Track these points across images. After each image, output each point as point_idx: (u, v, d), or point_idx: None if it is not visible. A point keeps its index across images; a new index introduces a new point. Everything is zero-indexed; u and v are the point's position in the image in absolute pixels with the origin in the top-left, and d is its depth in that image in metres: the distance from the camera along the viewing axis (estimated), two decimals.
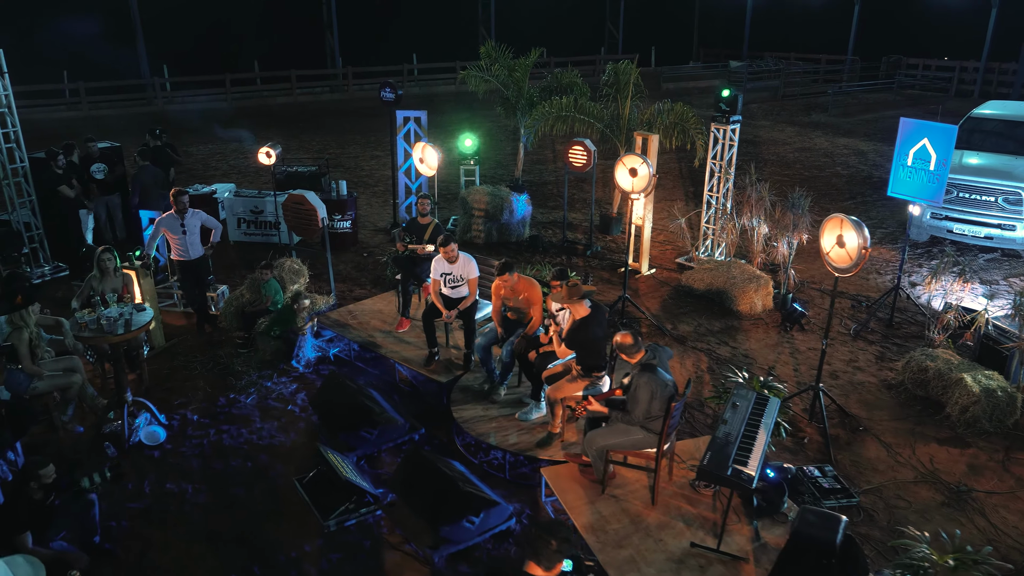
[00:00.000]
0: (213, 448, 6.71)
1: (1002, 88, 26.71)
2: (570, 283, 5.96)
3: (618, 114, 11.82)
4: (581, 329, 6.02)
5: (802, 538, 4.46)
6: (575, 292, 5.91)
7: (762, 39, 35.26)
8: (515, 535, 5.66)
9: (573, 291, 5.91)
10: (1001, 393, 6.99)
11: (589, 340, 6.07)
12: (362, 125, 22.42)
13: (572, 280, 6.01)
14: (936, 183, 8.40)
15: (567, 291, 5.94)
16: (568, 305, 6.00)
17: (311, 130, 21.60)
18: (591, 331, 6.05)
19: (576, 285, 5.94)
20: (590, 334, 6.04)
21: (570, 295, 5.91)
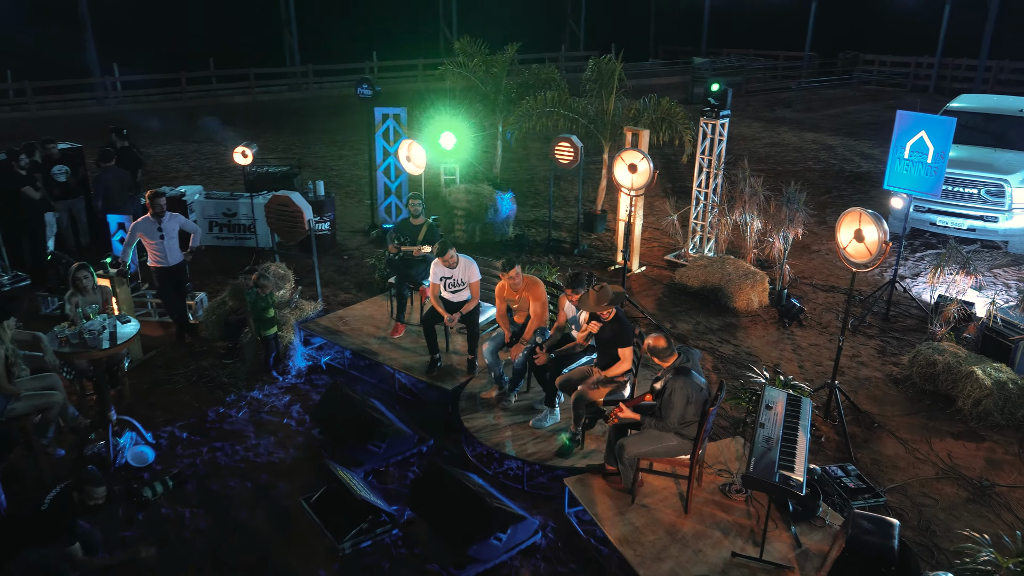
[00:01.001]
0: (207, 467, 6.28)
1: (956, 83, 27.33)
2: (597, 287, 5.69)
3: (603, 110, 11.60)
4: (624, 324, 5.78)
5: (859, 546, 4.27)
6: (604, 297, 5.64)
7: (719, 36, 35.57)
8: (541, 550, 5.38)
9: (602, 296, 5.64)
10: (1012, 385, 6.95)
11: (631, 331, 5.83)
12: (326, 123, 21.88)
13: (599, 284, 5.72)
14: (934, 176, 8.37)
15: (595, 297, 5.66)
16: (597, 312, 5.73)
17: (273, 129, 20.97)
18: (627, 323, 5.82)
19: (603, 288, 5.67)
20: (629, 326, 5.82)
21: (599, 301, 5.64)
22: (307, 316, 8.38)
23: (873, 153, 18.41)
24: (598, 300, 5.64)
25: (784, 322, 9.01)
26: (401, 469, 6.25)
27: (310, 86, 25.86)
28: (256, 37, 26.37)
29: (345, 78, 27.20)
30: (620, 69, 11.56)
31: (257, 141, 19.09)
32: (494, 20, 31.60)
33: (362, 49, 27.34)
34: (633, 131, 10.17)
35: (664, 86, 28.87)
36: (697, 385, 5.10)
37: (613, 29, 34.76)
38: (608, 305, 5.64)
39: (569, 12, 34.01)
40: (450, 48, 31.20)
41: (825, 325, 9.03)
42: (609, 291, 5.66)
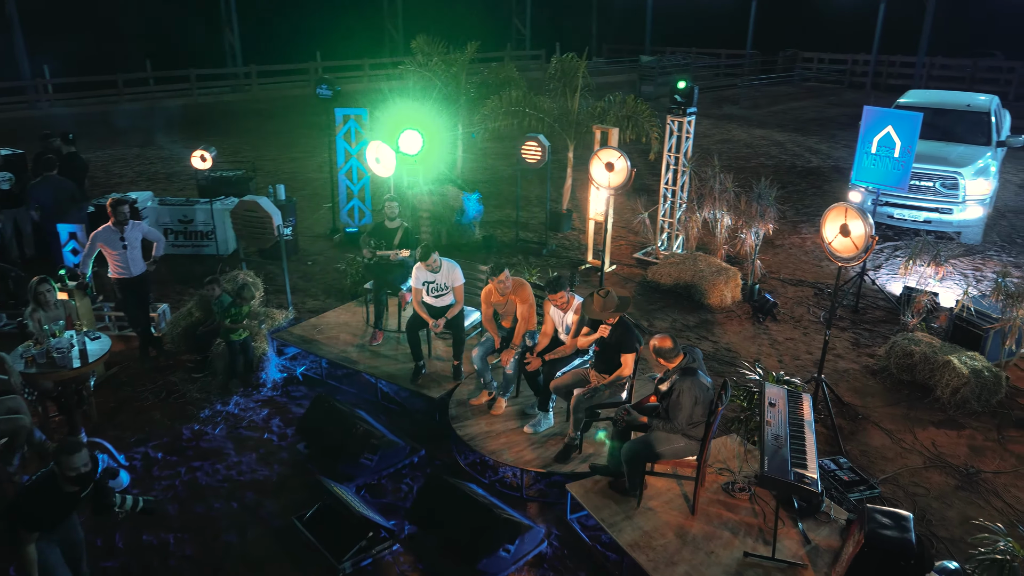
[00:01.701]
0: (188, 489, 5.96)
1: (891, 79, 28.25)
2: (602, 293, 5.57)
3: (567, 108, 11.54)
4: (628, 329, 5.69)
5: (879, 540, 4.27)
6: (610, 304, 5.53)
7: (661, 34, 36.02)
8: (548, 559, 5.26)
9: (608, 303, 5.53)
10: (988, 373, 7.12)
11: (636, 336, 5.75)
12: (273, 126, 21.32)
13: (604, 290, 5.61)
14: (901, 169, 8.54)
15: (601, 303, 5.55)
16: (602, 319, 5.62)
17: (218, 132, 20.31)
18: (631, 327, 5.74)
19: (609, 294, 5.56)
20: (633, 329, 5.73)
21: (605, 308, 5.53)
22: (279, 325, 8.09)
23: (821, 148, 18.86)
24: (604, 307, 5.53)
25: (758, 317, 9.08)
26: (394, 482, 6.04)
27: (253, 87, 25.16)
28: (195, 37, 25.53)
29: (289, 79, 26.60)
30: (584, 68, 11.51)
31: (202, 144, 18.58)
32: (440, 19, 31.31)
33: (305, 49, 26.76)
34: (602, 129, 10.14)
35: (612, 84, 29.04)
36: (704, 385, 5.05)
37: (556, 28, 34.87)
38: (614, 312, 5.54)
39: (514, 11, 33.93)
40: (396, 47, 30.94)
41: (798, 319, 9.14)
42: (615, 297, 5.56)
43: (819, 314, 9.20)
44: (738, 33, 32.63)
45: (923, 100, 12.99)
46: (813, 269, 10.75)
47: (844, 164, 17.13)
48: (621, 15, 39.05)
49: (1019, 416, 7.05)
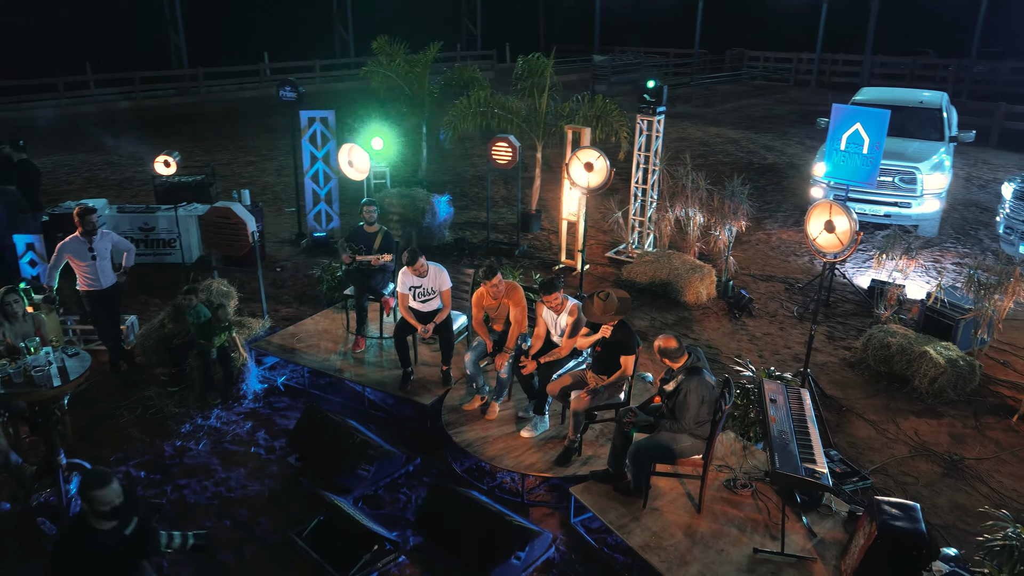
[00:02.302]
0: (177, 509, 5.73)
1: (835, 77, 29.03)
2: (602, 296, 5.54)
3: (535, 108, 11.51)
4: (628, 331, 5.67)
5: (892, 531, 4.34)
6: (611, 307, 5.50)
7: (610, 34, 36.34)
8: (556, 564, 5.21)
9: (608, 306, 5.50)
10: (962, 362, 7.33)
11: (635, 338, 5.74)
12: (224, 129, 20.79)
13: (603, 292, 5.58)
14: (870, 165, 8.74)
15: (602, 306, 5.52)
16: (602, 322, 5.59)
17: (167, 136, 19.68)
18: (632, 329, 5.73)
19: (610, 297, 5.53)
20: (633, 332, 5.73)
21: (606, 311, 5.50)
22: (256, 335, 7.86)
23: (775, 145, 19.24)
24: (605, 310, 5.50)
25: (735, 313, 9.19)
26: (392, 492, 5.92)
27: (201, 90, 24.49)
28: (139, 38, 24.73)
29: (238, 81, 25.98)
30: (551, 67, 11.50)
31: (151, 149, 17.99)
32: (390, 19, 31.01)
33: (253, 50, 26.18)
34: (574, 129, 10.14)
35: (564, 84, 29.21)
36: (709, 384, 5.07)
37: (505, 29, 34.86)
38: (616, 315, 5.52)
39: (464, 11, 33.79)
40: (347, 48, 30.50)
41: (773, 314, 9.28)
42: (616, 300, 5.54)
43: (792, 308, 9.36)
44: (685, 33, 33.14)
45: (877, 97, 13.33)
46: (781, 264, 10.94)
47: (799, 160, 17.53)
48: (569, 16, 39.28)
49: (993, 403, 7.28)
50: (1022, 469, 6.32)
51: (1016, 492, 6.03)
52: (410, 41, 13.36)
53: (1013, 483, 6.15)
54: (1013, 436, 6.78)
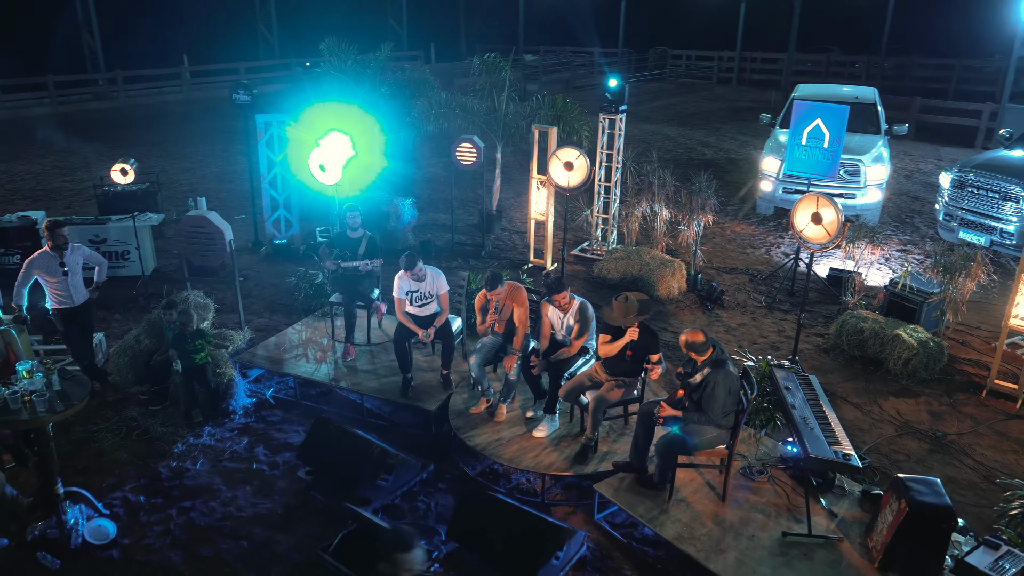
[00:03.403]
0: (186, 532, 5.48)
1: (755, 75, 30.08)
2: (621, 299, 5.58)
3: (494, 109, 11.51)
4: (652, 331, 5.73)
5: (921, 506, 4.54)
6: (631, 309, 5.55)
7: (535, 34, 36.57)
8: (589, 561, 5.24)
9: (629, 308, 5.55)
10: (932, 343, 7.74)
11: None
12: (151, 135, 19.89)
13: (622, 295, 5.61)
14: (831, 159, 9.12)
15: (622, 309, 5.56)
16: (626, 325, 5.64)
17: (92, 143, 18.71)
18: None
19: (629, 299, 5.58)
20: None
21: (626, 313, 5.55)
22: (238, 347, 7.58)
23: (710, 141, 19.81)
24: (626, 312, 5.55)
25: (707, 305, 9.43)
26: (409, 500, 5.82)
27: (120, 94, 23.36)
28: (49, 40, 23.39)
29: (158, 85, 24.93)
30: (508, 69, 11.52)
31: (77, 157, 17.10)
32: (314, 20, 30.37)
33: (173, 53, 25.17)
34: (541, 129, 10.19)
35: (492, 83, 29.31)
36: (734, 376, 5.19)
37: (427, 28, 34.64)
38: (638, 316, 5.57)
39: (389, 11, 33.41)
40: (271, 50, 29.68)
41: (743, 305, 9.57)
42: (636, 302, 5.59)
43: (760, 299, 9.67)
44: (609, 32, 33.68)
45: (815, 93, 13.87)
46: (741, 257, 11.29)
47: (736, 156, 18.12)
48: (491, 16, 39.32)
49: (961, 381, 7.72)
50: (1000, 441, 6.73)
51: (999, 463, 6.41)
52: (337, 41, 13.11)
53: (994, 455, 6.53)
54: (985, 411, 7.21)
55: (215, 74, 25.44)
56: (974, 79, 26.04)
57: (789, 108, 13.61)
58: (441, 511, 5.71)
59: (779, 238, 12.12)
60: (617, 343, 5.70)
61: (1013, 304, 7.16)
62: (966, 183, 10.76)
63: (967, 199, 10.78)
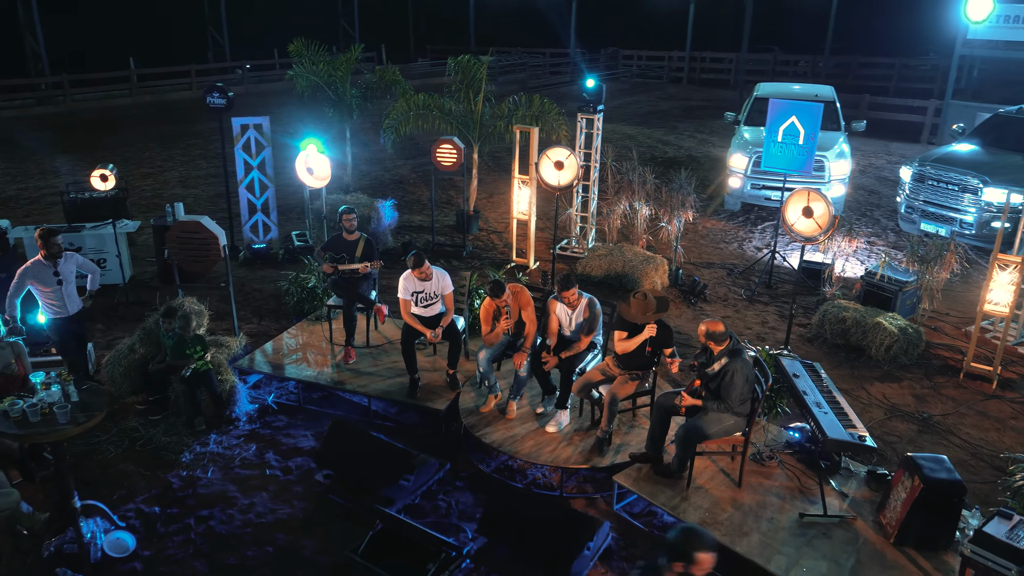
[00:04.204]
0: (208, 541, 5.41)
1: (704, 74, 30.74)
2: (639, 296, 5.71)
3: (470, 110, 11.56)
4: (669, 327, 5.87)
5: (935, 482, 4.79)
6: (650, 307, 5.69)
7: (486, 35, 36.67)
8: (614, 551, 5.36)
9: (647, 305, 5.69)
10: (911, 329, 8.11)
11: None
12: (104, 140, 19.30)
13: (639, 292, 5.75)
14: (806, 155, 9.45)
15: (641, 306, 5.70)
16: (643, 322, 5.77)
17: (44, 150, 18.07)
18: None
19: (647, 296, 5.72)
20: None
21: (645, 310, 5.69)
22: (235, 353, 7.49)
23: (670, 139, 20.18)
24: (645, 309, 5.69)
25: (691, 300, 9.66)
26: (429, 499, 5.85)
27: (67, 98, 22.61)
28: None
29: (106, 88, 24.20)
30: (484, 69, 11.59)
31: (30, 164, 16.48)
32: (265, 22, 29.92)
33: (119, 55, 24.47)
34: (522, 129, 10.29)
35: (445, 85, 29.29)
36: (750, 364, 5.38)
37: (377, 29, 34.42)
38: (656, 313, 5.72)
39: (340, 11, 33.07)
40: (221, 52, 29.09)
41: (724, 298, 9.83)
42: (654, 299, 5.73)
43: (740, 292, 9.95)
44: (560, 32, 34.01)
45: (776, 91, 14.30)
46: (715, 251, 11.58)
47: (696, 153, 18.51)
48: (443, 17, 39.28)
49: (939, 365, 8.09)
50: (981, 420, 7.09)
51: (984, 440, 6.77)
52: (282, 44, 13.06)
53: (978, 433, 6.89)
54: (964, 392, 7.58)
55: (165, 77, 24.81)
56: (912, 76, 27.13)
57: (753, 106, 14.05)
58: (463, 508, 5.77)
59: (749, 233, 12.47)
60: (634, 340, 5.83)
61: (987, 290, 7.55)
62: (926, 176, 11.26)
63: (928, 192, 11.28)
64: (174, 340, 6.82)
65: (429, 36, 38.20)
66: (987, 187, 10.49)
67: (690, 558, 3.24)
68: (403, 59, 32.80)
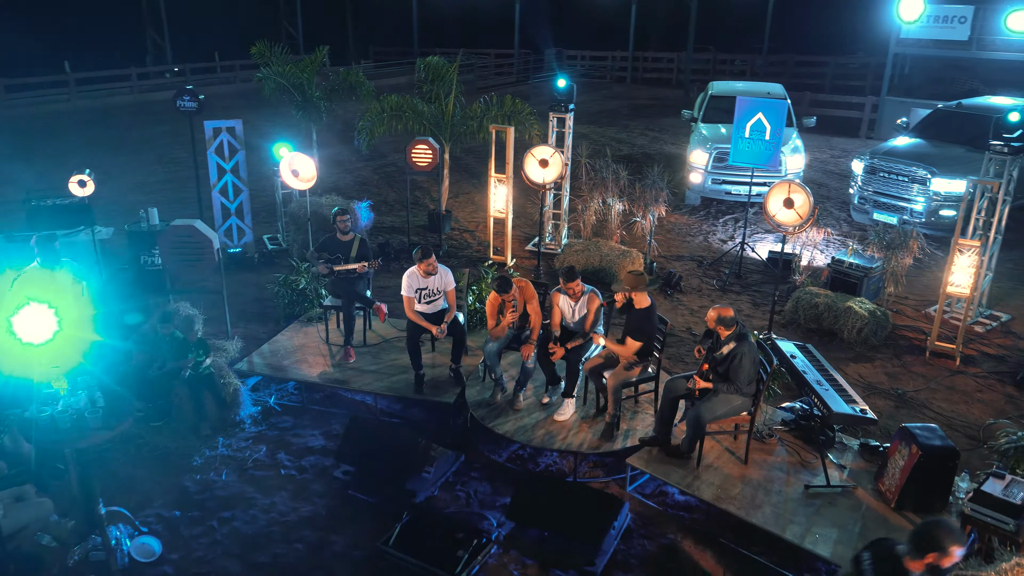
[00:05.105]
0: (235, 542, 5.45)
1: (646, 73, 31.41)
2: (631, 271, 5.99)
3: (442, 111, 11.69)
4: (649, 319, 6.13)
5: (932, 449, 5.18)
6: (641, 281, 5.98)
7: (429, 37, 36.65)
8: (634, 530, 5.60)
9: (639, 280, 5.98)
10: (879, 313, 8.61)
11: (654, 329, 6.21)
12: (49, 147, 18.67)
13: (634, 269, 6.03)
14: (772, 149, 9.90)
15: (633, 280, 5.97)
16: (635, 295, 6.04)
17: None
18: (654, 320, 6.20)
19: (641, 274, 6.01)
20: (655, 323, 6.20)
21: (637, 284, 5.97)
22: (232, 357, 7.48)
23: (623, 138, 20.63)
24: (636, 284, 6.01)
25: (667, 291, 10.01)
26: (448, 491, 5.99)
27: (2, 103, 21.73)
28: None
29: (38, 93, 23.33)
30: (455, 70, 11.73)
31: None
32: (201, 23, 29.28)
33: (53, 58, 23.62)
34: (498, 128, 10.47)
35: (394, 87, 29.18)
36: (755, 346, 5.69)
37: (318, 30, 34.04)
38: (645, 288, 6.03)
39: (283, 12, 32.60)
40: (163, 55, 28.33)
41: (698, 289, 10.21)
42: (646, 276, 6.09)
43: (712, 282, 10.35)
44: (503, 34, 34.22)
45: (730, 90, 14.85)
46: (683, 244, 11.98)
47: (650, 150, 18.98)
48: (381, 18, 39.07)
49: (905, 345, 8.61)
50: (950, 394, 7.60)
51: (955, 412, 7.26)
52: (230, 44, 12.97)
53: (949, 406, 7.38)
54: (932, 369, 8.10)
55: (104, 81, 24.06)
56: (843, 74, 28.31)
57: (709, 104, 14.55)
58: (482, 498, 5.93)
59: (712, 226, 12.91)
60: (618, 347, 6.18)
61: (949, 273, 8.08)
62: (878, 169, 11.89)
63: (879, 183, 11.90)
64: (174, 344, 6.78)
65: (371, 38, 37.97)
66: (935, 177, 11.15)
67: (945, 550, 3.34)
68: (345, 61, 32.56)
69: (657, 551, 5.40)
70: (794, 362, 6.00)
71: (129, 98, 24.26)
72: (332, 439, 6.63)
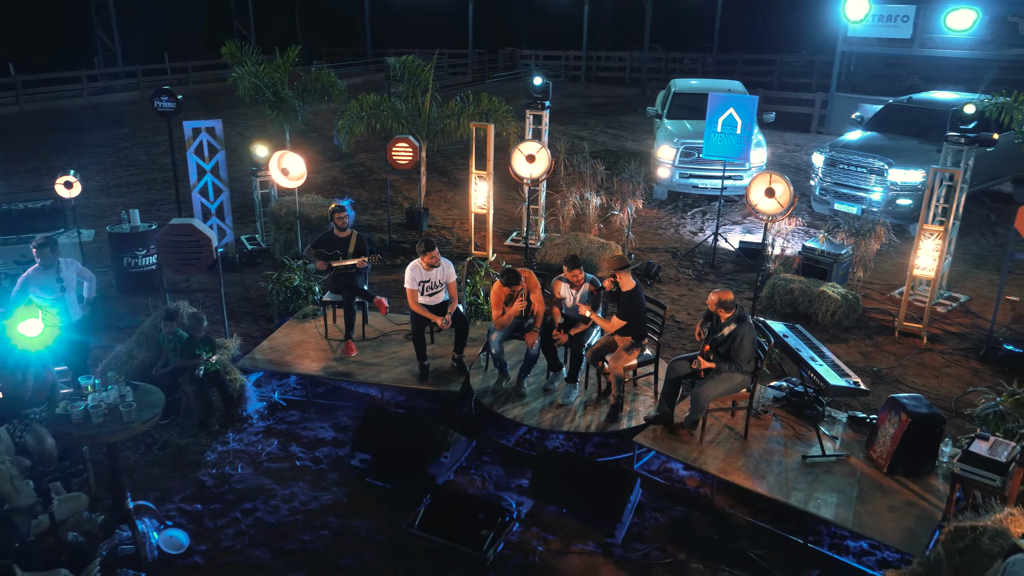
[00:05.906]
0: (262, 531, 5.54)
1: (600, 72, 31.94)
2: (611, 255, 6.29)
3: (418, 109, 11.84)
4: (636, 299, 6.41)
5: (921, 416, 5.58)
6: (622, 262, 6.30)
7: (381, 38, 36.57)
8: (646, 504, 5.88)
9: (620, 261, 6.30)
10: (851, 296, 9.08)
11: (641, 309, 6.50)
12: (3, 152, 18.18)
13: (615, 251, 6.33)
14: (744, 143, 10.33)
15: (616, 262, 6.28)
16: (619, 276, 6.33)
17: None
18: (642, 300, 6.49)
19: (621, 256, 6.30)
20: (642, 303, 6.48)
21: (618, 264, 6.28)
22: (234, 354, 7.53)
23: (583, 135, 20.97)
24: (617, 265, 6.35)
25: (647, 281, 10.35)
26: (463, 475, 6.18)
27: None
28: None
29: None
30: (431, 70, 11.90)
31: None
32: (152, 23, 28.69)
33: None
34: (479, 126, 10.68)
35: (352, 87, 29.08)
36: (754, 327, 6.03)
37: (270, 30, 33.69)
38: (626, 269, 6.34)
39: (234, 12, 32.16)
40: (112, 57, 27.70)
41: (676, 279, 10.58)
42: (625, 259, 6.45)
43: (688, 272, 10.74)
44: (457, 34, 34.36)
45: (692, 87, 15.34)
46: (656, 237, 12.35)
47: (613, 147, 19.37)
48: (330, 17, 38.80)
49: (875, 326, 9.10)
50: (921, 370, 8.09)
51: (927, 386, 7.74)
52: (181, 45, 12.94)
53: (921, 380, 7.87)
54: (901, 347, 8.59)
55: (53, 83, 23.45)
56: (789, 72, 29.25)
57: (673, 101, 14.98)
58: (496, 480, 6.14)
59: (681, 219, 13.33)
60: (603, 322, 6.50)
61: (915, 256, 8.58)
62: (837, 161, 12.45)
63: (839, 175, 12.46)
64: (180, 342, 6.83)
65: (323, 38, 37.68)
66: (892, 168, 11.74)
67: None
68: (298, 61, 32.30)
69: (669, 523, 5.69)
70: (787, 341, 6.36)
71: (79, 100, 23.71)
72: (342, 431, 6.76)
